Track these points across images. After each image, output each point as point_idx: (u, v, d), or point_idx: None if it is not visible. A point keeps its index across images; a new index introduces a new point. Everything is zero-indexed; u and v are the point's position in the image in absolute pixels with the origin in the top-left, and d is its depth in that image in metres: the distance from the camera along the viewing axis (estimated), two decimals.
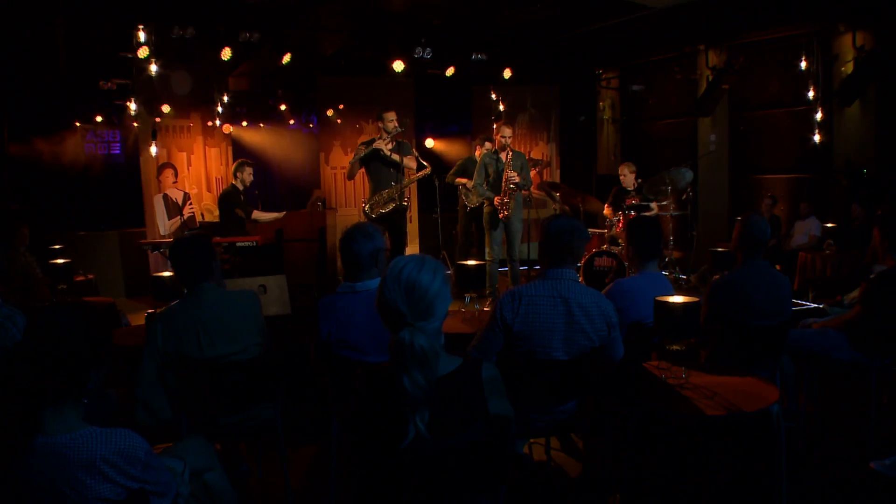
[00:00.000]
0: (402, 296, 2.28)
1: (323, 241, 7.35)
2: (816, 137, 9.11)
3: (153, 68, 7.97)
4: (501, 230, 7.45)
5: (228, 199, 7.99)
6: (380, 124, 7.24)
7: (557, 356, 3.34)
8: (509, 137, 7.36)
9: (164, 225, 9.62)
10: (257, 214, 7.96)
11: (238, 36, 9.26)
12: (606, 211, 8.93)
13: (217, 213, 10.02)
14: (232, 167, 8.50)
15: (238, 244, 7.17)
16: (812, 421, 4.83)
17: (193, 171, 10.00)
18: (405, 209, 7.24)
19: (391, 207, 7.05)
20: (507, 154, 7.30)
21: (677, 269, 8.49)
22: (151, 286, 4.68)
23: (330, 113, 11.40)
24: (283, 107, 13.09)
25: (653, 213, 8.77)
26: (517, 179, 7.23)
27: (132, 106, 9.39)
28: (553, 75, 11.96)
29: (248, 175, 8.07)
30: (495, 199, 7.33)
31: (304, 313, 7.38)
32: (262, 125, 14.60)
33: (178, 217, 9.39)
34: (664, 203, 8.24)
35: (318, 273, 7.40)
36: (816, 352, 4.58)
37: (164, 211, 9.69)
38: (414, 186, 11.21)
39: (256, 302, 3.76)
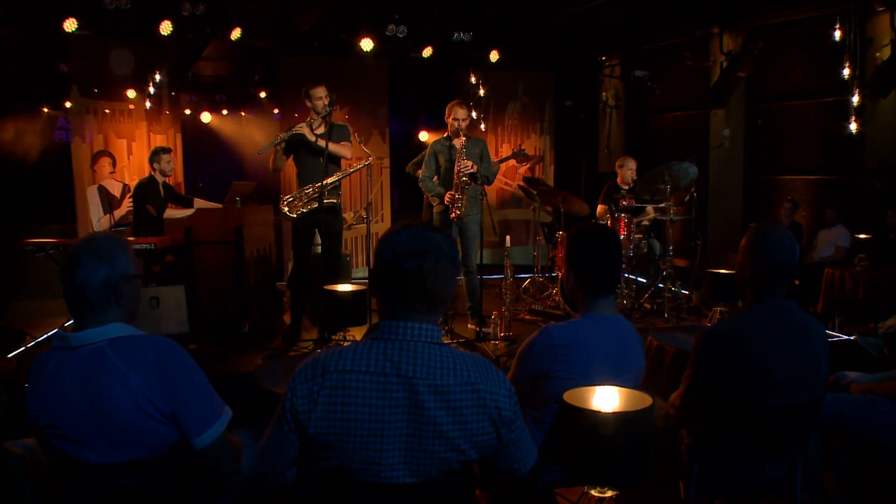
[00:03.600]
0: None
1: (239, 244, 5.79)
2: (853, 126, 7.30)
3: None
4: (454, 234, 5.84)
5: (142, 192, 6.48)
6: (307, 103, 5.69)
7: (395, 478, 1.76)
8: (464, 120, 5.74)
9: (98, 220, 8.16)
10: (170, 212, 6.44)
11: (180, 7, 7.75)
12: (600, 210, 7.29)
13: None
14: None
15: (135, 246, 5.65)
16: None
17: (135, 159, 8.49)
18: (336, 208, 5.65)
19: (316, 206, 5.46)
20: (464, 140, 5.69)
21: (678, 283, 6.84)
22: None
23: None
24: (262, 94, 11.63)
25: (648, 216, 7.13)
26: (472, 169, 5.60)
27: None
28: (548, 60, 10.30)
29: (165, 164, 6.56)
30: (446, 195, 5.73)
31: (208, 331, 5.99)
32: (243, 114, 13.18)
33: (108, 215, 7.91)
34: (662, 206, 6.58)
35: (233, 283, 5.85)
36: (857, 430, 2.95)
37: (99, 204, 8.23)
38: (386, 180, 9.68)
39: None
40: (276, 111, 12.29)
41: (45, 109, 11.23)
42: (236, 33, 8.12)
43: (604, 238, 2.51)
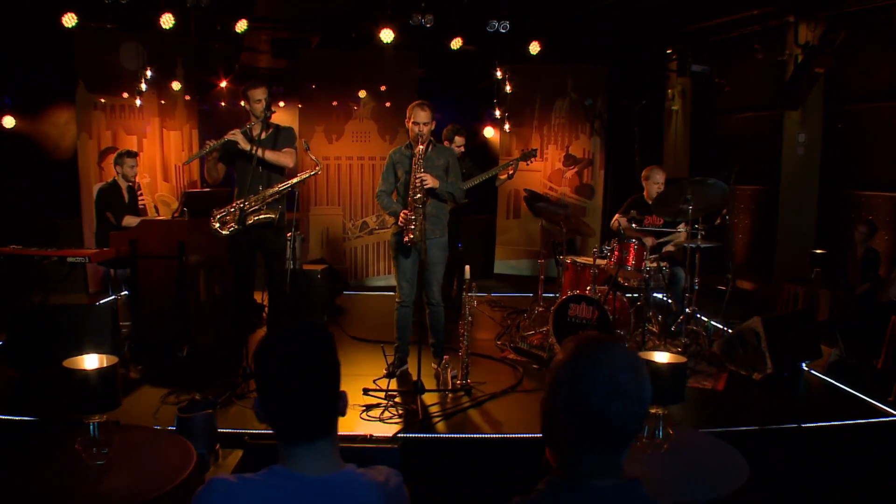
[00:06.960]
0: None
1: (182, 258, 5.02)
2: None
3: None
4: (413, 260, 4.80)
5: (102, 198, 5.83)
6: (245, 105, 4.83)
7: None
8: (425, 124, 4.68)
9: None
10: (129, 220, 5.75)
11: None
12: (614, 222, 6.01)
13: (174, 205, 8.02)
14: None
15: (69, 259, 5.00)
16: None
17: (146, 157, 7.90)
18: (275, 224, 4.76)
19: (251, 221, 4.58)
20: (422, 149, 4.64)
21: (707, 325, 5.57)
22: None
23: (362, 94, 9.08)
24: (313, 86, 10.90)
25: (678, 240, 5.85)
26: (428, 184, 4.56)
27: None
28: (601, 52, 8.98)
29: (128, 168, 5.92)
30: (400, 214, 4.71)
31: (147, 354, 5.27)
32: (300, 106, 12.54)
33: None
34: (681, 230, 5.31)
35: (177, 301, 5.08)
36: None
37: None
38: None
39: None
40: (334, 103, 11.59)
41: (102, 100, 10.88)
42: (242, 25, 7.36)
43: (304, 354, 1.48)
